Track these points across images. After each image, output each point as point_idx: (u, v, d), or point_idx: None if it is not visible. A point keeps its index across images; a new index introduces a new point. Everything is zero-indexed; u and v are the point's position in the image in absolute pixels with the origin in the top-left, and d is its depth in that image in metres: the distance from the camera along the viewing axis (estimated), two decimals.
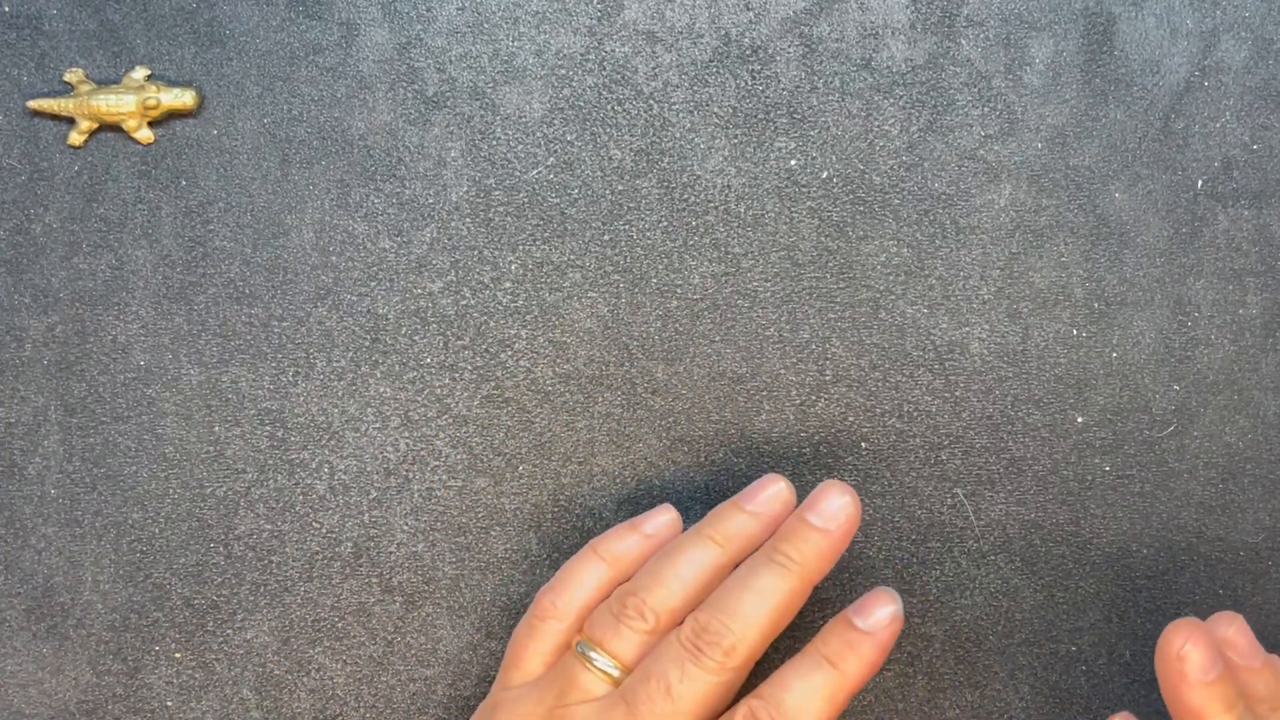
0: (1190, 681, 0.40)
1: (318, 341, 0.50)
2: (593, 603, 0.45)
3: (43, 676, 0.50)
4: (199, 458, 0.50)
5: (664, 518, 0.46)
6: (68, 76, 0.50)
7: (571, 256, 0.50)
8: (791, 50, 0.50)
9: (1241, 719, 0.40)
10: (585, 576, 0.46)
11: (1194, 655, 0.40)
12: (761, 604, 0.42)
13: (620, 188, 0.50)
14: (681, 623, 0.43)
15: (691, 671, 0.42)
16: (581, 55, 0.50)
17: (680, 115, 0.50)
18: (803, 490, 0.50)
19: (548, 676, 0.44)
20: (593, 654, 0.43)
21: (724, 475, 0.50)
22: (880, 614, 0.42)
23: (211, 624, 0.50)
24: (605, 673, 0.43)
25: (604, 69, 0.50)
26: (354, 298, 0.50)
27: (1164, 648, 0.41)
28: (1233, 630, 0.42)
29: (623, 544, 0.46)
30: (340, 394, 0.50)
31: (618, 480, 0.50)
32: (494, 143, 0.50)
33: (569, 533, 0.50)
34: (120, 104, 0.49)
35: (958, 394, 0.50)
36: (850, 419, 0.50)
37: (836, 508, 0.43)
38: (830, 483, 0.43)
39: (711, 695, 0.42)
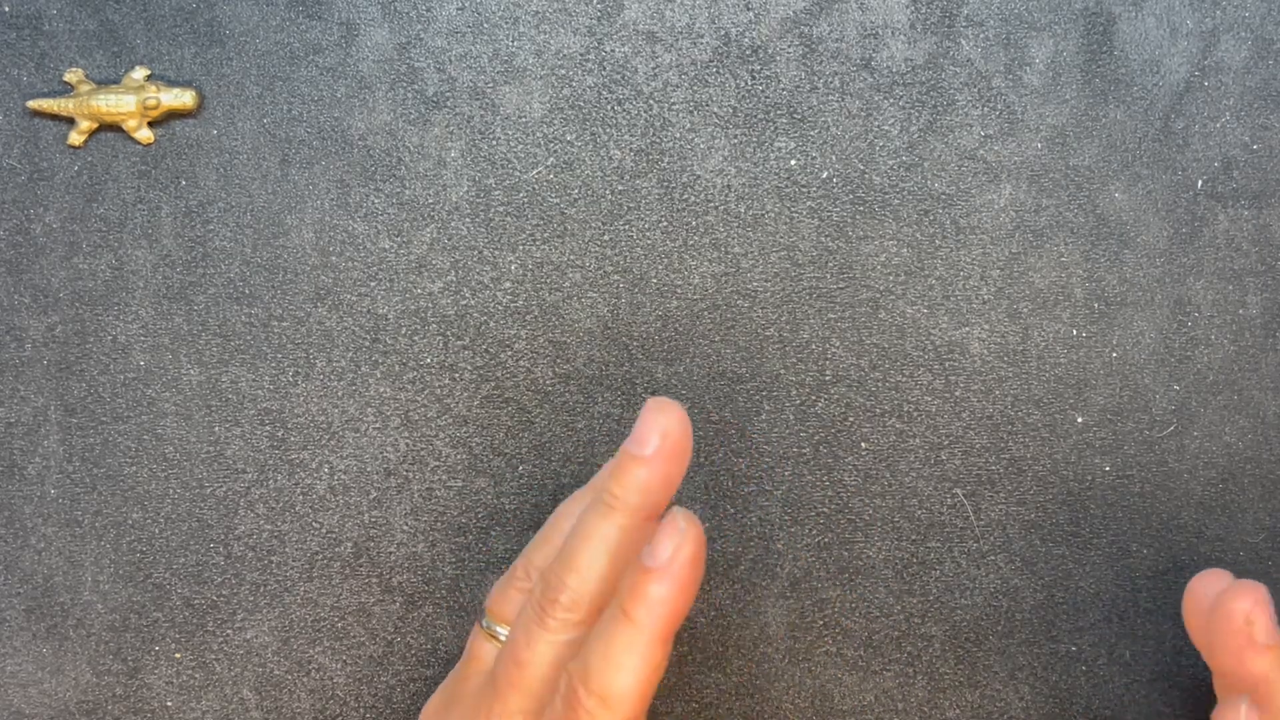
0: (1259, 647, 0.39)
1: (318, 341, 0.50)
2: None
3: (43, 676, 0.50)
4: (199, 458, 0.50)
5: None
6: (68, 76, 0.50)
7: (571, 256, 0.50)
8: (791, 50, 0.50)
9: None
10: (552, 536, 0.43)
11: (1261, 620, 0.39)
12: (596, 550, 0.39)
13: (620, 188, 0.50)
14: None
15: (536, 634, 0.40)
16: (581, 55, 0.50)
17: (680, 115, 0.50)
18: (799, 495, 0.50)
19: (465, 654, 0.44)
20: (490, 623, 0.43)
21: (724, 475, 0.50)
22: (665, 544, 0.38)
23: (211, 624, 0.50)
24: (500, 640, 0.42)
25: (604, 69, 0.50)
26: (354, 298, 0.50)
27: (1228, 612, 0.39)
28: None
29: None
30: (340, 394, 0.50)
31: None
32: (494, 143, 0.50)
33: None
34: (120, 104, 0.49)
35: (958, 394, 0.50)
36: (850, 419, 0.50)
37: (652, 430, 0.39)
38: (650, 403, 0.39)
39: (562, 654, 0.40)
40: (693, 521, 0.38)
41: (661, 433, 0.38)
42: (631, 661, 0.38)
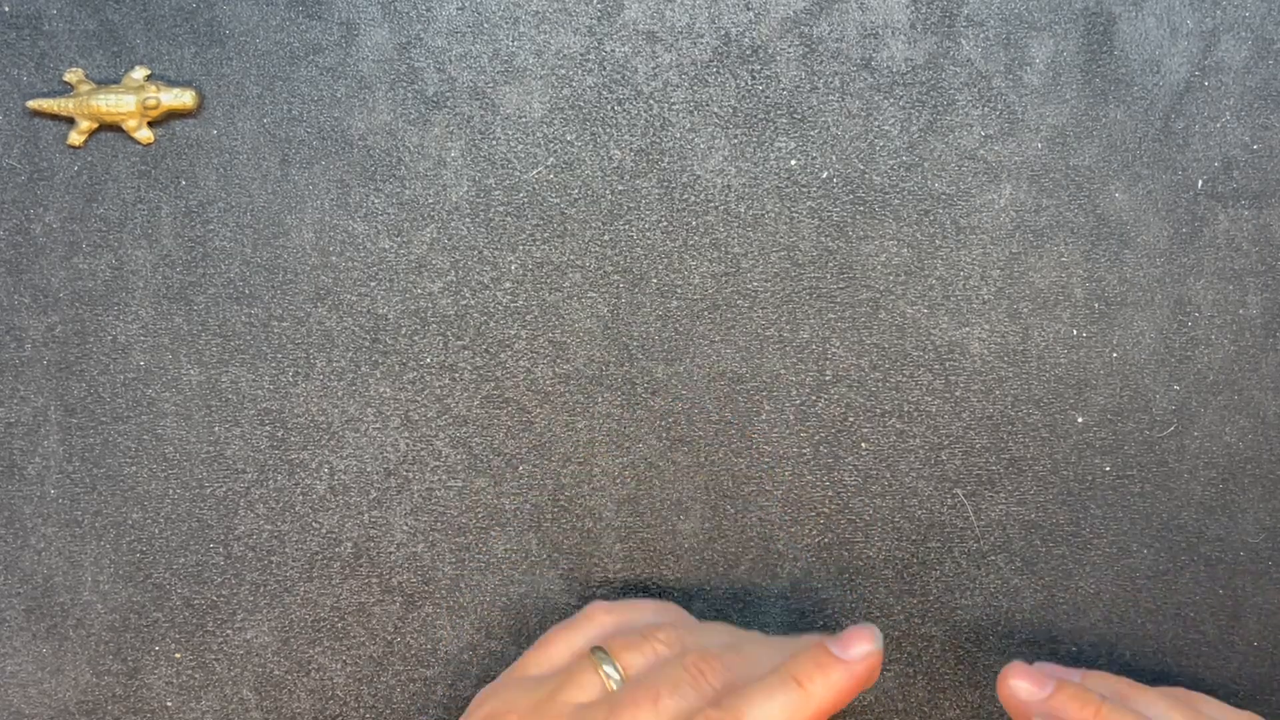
0: (1033, 703, 0.43)
1: (318, 341, 0.50)
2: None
3: (43, 676, 0.50)
4: (199, 458, 0.50)
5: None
6: (68, 76, 0.50)
7: (571, 256, 0.50)
8: (791, 50, 0.50)
9: (1103, 708, 0.43)
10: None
11: (1019, 685, 0.44)
12: (768, 696, 0.41)
13: (620, 188, 0.50)
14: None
15: (686, 690, 0.41)
16: (581, 55, 0.50)
17: (680, 115, 0.50)
18: (799, 494, 0.50)
19: (557, 672, 0.44)
20: (605, 661, 0.43)
21: (724, 475, 0.50)
22: (859, 648, 0.41)
23: (211, 624, 0.50)
24: (609, 680, 0.43)
25: (604, 69, 0.50)
26: (354, 298, 0.50)
27: (1002, 697, 0.44)
28: (1037, 666, 0.46)
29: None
30: (340, 394, 0.50)
31: (618, 480, 0.50)
32: (494, 143, 0.50)
33: (569, 533, 0.50)
34: (120, 104, 0.49)
35: (958, 394, 0.50)
36: (850, 419, 0.50)
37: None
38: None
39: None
40: (879, 638, 0.42)
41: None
42: (783, 717, 0.40)
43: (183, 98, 0.50)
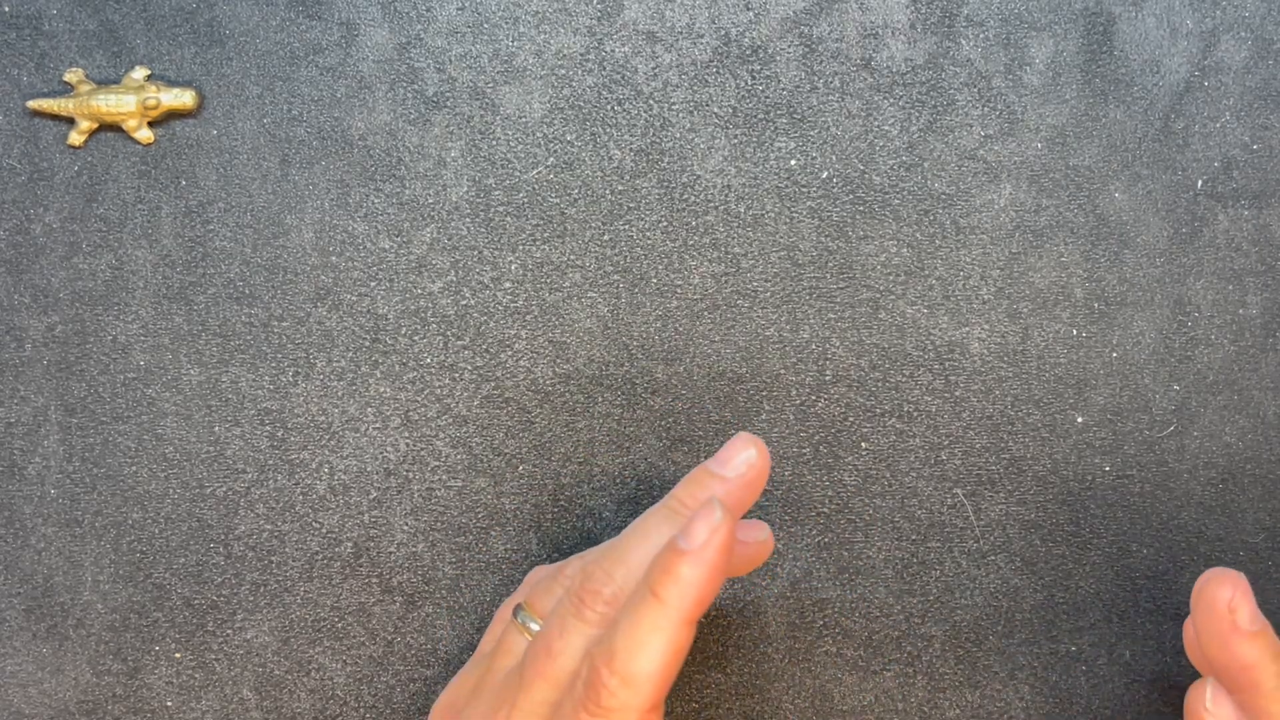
0: (1244, 633, 0.39)
1: (318, 341, 0.50)
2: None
3: (43, 676, 0.50)
4: (199, 458, 0.50)
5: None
6: (68, 76, 0.50)
7: (571, 256, 0.50)
8: (791, 50, 0.50)
9: None
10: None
11: (1244, 608, 0.40)
12: (649, 550, 0.40)
13: (620, 188, 0.50)
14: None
15: (570, 625, 0.39)
16: (581, 55, 0.50)
17: (680, 115, 0.50)
18: (800, 495, 0.50)
19: (496, 643, 0.44)
20: (526, 618, 0.42)
21: None
22: (700, 529, 0.38)
23: (211, 624, 0.50)
24: (529, 633, 0.42)
25: (604, 69, 0.50)
26: (354, 298, 0.50)
27: (1210, 600, 0.40)
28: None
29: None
30: (340, 394, 0.50)
31: (618, 480, 0.50)
32: (494, 143, 0.50)
33: (569, 533, 0.50)
34: (120, 104, 0.49)
35: (958, 394, 0.50)
36: (850, 419, 0.50)
37: (740, 459, 0.40)
38: (740, 435, 0.41)
39: None
40: (728, 512, 0.38)
41: (746, 460, 0.40)
42: (656, 641, 0.37)
43: (183, 98, 0.50)
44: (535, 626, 0.42)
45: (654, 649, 0.37)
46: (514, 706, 0.40)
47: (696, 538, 0.38)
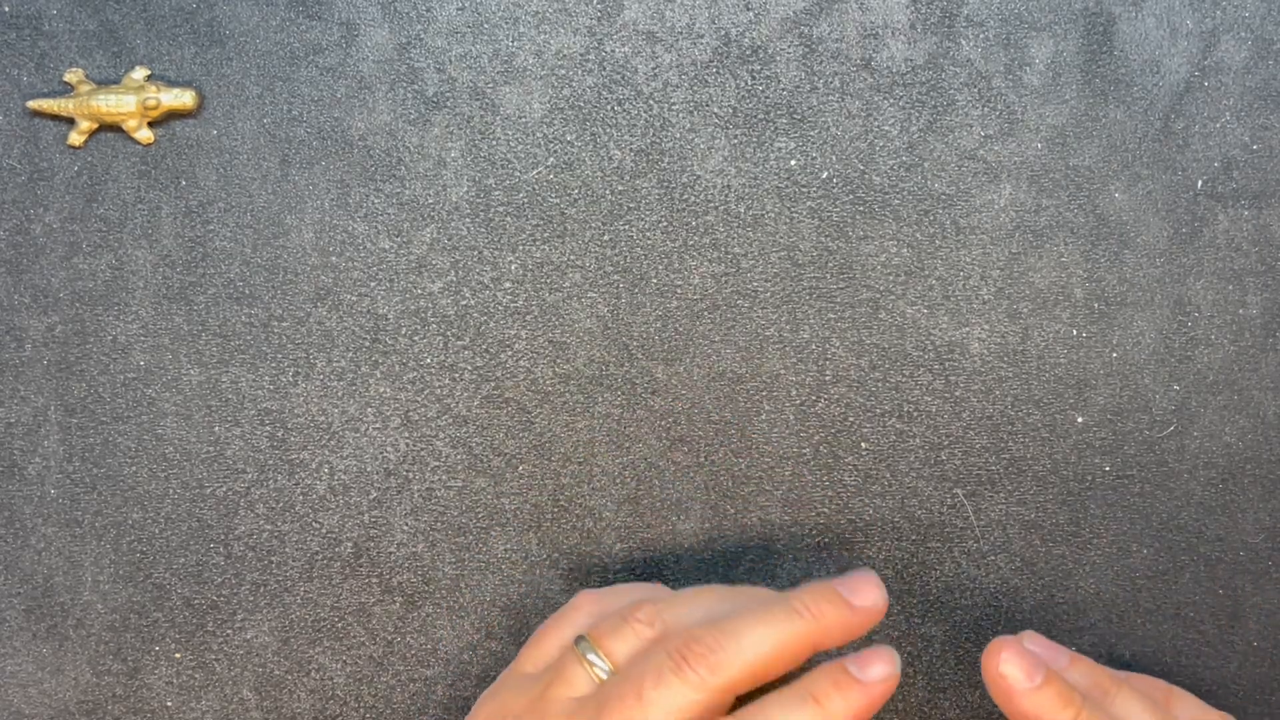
0: (1020, 691, 0.42)
1: (318, 341, 0.50)
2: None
3: (43, 676, 0.50)
4: (199, 458, 0.50)
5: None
6: (68, 76, 0.50)
7: (571, 256, 0.50)
8: (791, 50, 0.50)
9: (1082, 711, 0.42)
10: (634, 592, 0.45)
11: (1011, 668, 0.42)
12: (764, 635, 0.41)
13: (620, 188, 0.50)
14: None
15: (669, 680, 0.40)
16: (581, 55, 0.50)
17: (680, 115, 0.50)
18: (802, 492, 0.50)
19: (549, 667, 0.43)
20: (589, 651, 0.42)
21: (724, 475, 0.50)
22: (877, 669, 0.41)
23: (211, 624, 0.50)
24: (596, 670, 0.42)
25: (604, 69, 0.50)
26: (354, 298, 0.50)
27: (986, 670, 0.43)
28: (1029, 643, 0.45)
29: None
30: (340, 394, 0.50)
31: (618, 480, 0.50)
32: (494, 143, 0.50)
33: (569, 533, 0.50)
34: (120, 104, 0.49)
35: (958, 394, 0.50)
36: (850, 419, 0.50)
37: (867, 595, 0.42)
38: (869, 575, 0.43)
39: (685, 711, 0.40)
40: (897, 660, 0.41)
41: (874, 598, 0.42)
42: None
43: (183, 98, 0.50)
44: (600, 663, 0.42)
45: None
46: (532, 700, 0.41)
47: (873, 673, 0.41)
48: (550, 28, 0.50)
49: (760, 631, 0.41)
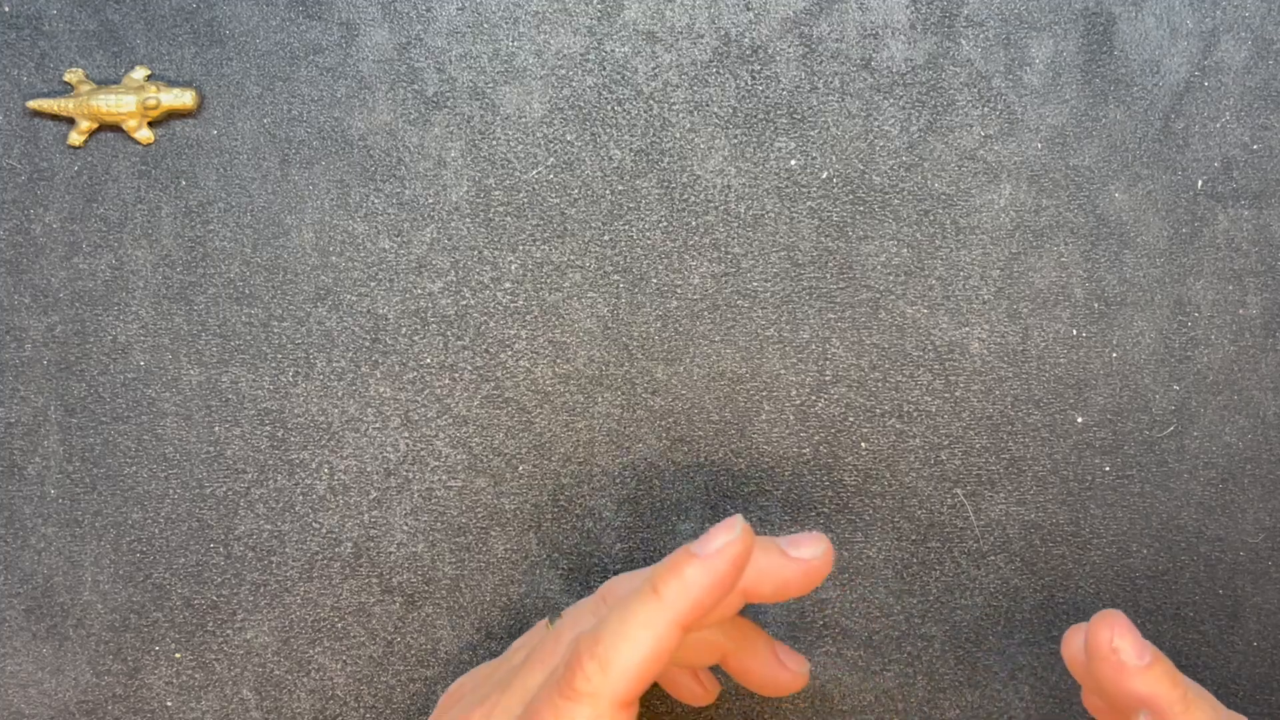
0: (1131, 669, 0.40)
1: (318, 341, 0.50)
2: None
3: (43, 676, 0.50)
4: (199, 458, 0.50)
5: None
6: (68, 76, 0.50)
7: (571, 256, 0.50)
8: (791, 50, 0.50)
9: (1189, 692, 0.40)
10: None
11: (1125, 645, 0.40)
12: (629, 600, 0.38)
13: (620, 188, 0.50)
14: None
15: (586, 620, 0.40)
16: (581, 55, 0.50)
17: (680, 115, 0.50)
18: (802, 491, 0.50)
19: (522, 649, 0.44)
20: (554, 621, 0.43)
21: (724, 475, 0.50)
22: (715, 540, 0.38)
23: (211, 624, 0.50)
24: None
25: (604, 69, 0.50)
26: (354, 298, 0.50)
27: (1094, 648, 0.40)
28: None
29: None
30: (340, 394, 0.50)
31: (618, 480, 0.50)
32: (494, 143, 0.50)
33: (569, 533, 0.50)
34: (120, 104, 0.49)
35: (958, 394, 0.50)
36: (850, 419, 0.50)
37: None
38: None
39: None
40: (744, 530, 0.38)
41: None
42: (644, 636, 0.37)
43: (183, 98, 0.50)
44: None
45: (639, 641, 0.37)
46: (506, 688, 0.41)
47: (711, 545, 0.38)
48: (550, 28, 0.50)
49: (624, 614, 0.38)
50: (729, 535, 0.38)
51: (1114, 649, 0.40)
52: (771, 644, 0.45)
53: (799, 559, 0.41)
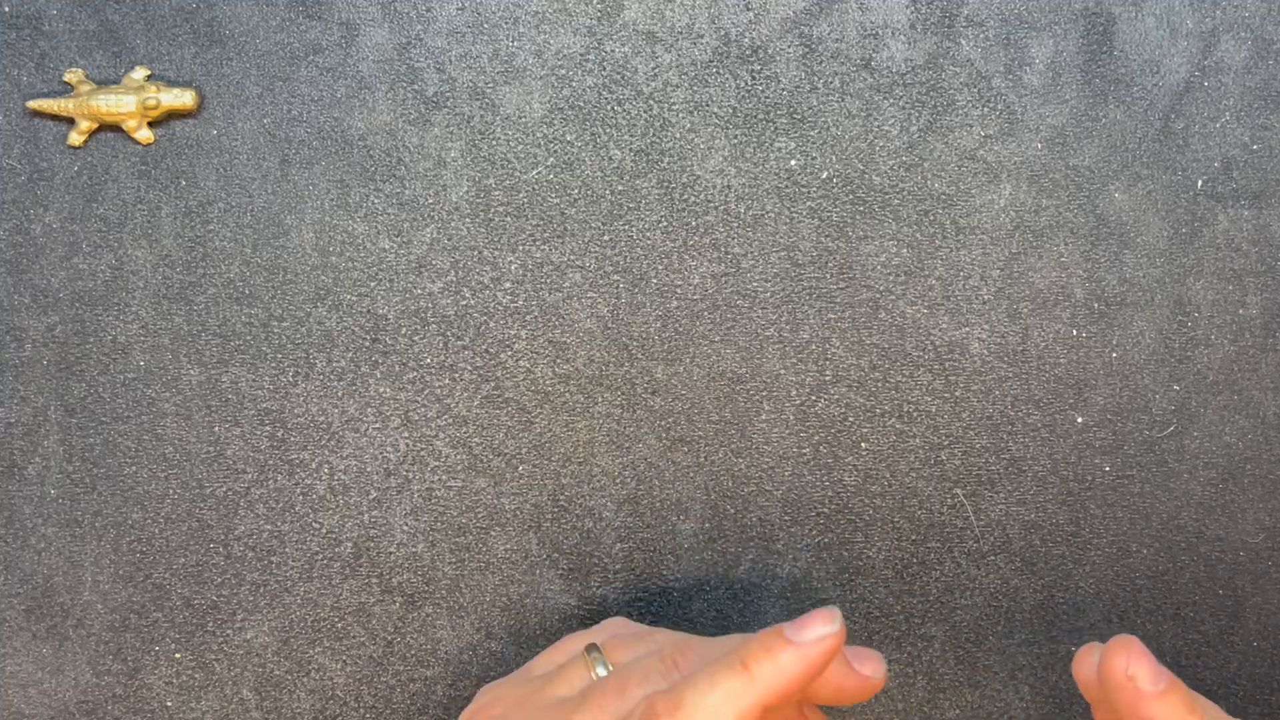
0: (1148, 696, 0.40)
1: (318, 341, 0.50)
2: None
3: (43, 676, 0.50)
4: (199, 458, 0.50)
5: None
6: (68, 76, 0.50)
7: (571, 256, 0.50)
8: (791, 50, 0.50)
9: (1205, 717, 0.40)
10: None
11: (1141, 671, 0.40)
12: (715, 671, 0.39)
13: (620, 188, 0.50)
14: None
15: (654, 680, 0.40)
16: (581, 55, 0.50)
17: (680, 115, 0.50)
18: (804, 491, 0.50)
19: (554, 669, 0.44)
20: (596, 659, 0.43)
21: (724, 475, 0.50)
22: (813, 631, 0.39)
23: (211, 624, 0.50)
24: (595, 674, 0.42)
25: (604, 69, 0.50)
26: (354, 298, 0.50)
27: (1108, 674, 0.40)
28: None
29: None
30: (340, 394, 0.50)
31: (618, 480, 0.50)
32: (494, 143, 0.50)
33: (569, 533, 0.50)
34: (120, 104, 0.49)
35: (958, 394, 0.50)
36: (850, 419, 0.50)
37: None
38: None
39: None
40: (839, 620, 0.39)
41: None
42: (728, 711, 0.38)
43: (183, 98, 0.50)
44: (601, 670, 0.42)
45: (722, 711, 0.38)
46: (540, 708, 0.41)
47: (807, 633, 0.39)
48: (550, 28, 0.50)
49: (709, 685, 0.39)
50: (828, 628, 0.39)
51: (1130, 676, 0.40)
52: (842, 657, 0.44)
53: (861, 675, 0.42)
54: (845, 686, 0.42)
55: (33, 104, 0.50)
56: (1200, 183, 0.50)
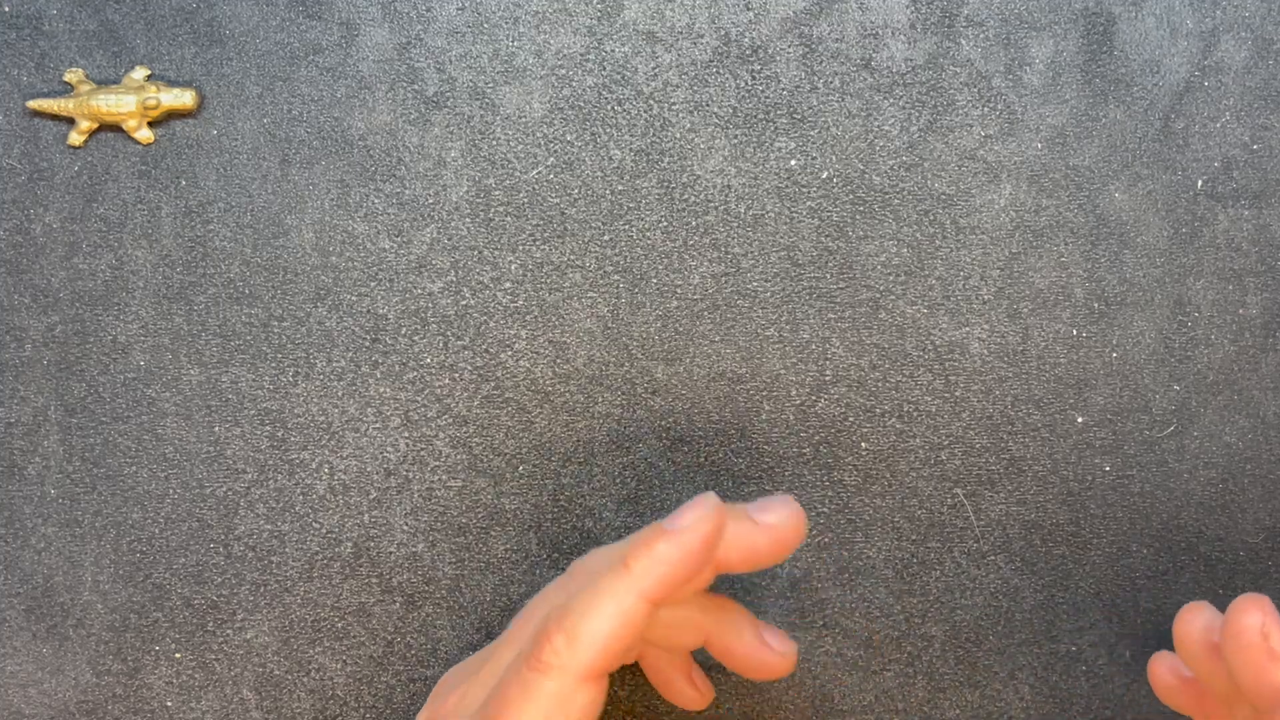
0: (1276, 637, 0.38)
1: (318, 341, 0.50)
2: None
3: (43, 676, 0.50)
4: (199, 458, 0.50)
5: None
6: (68, 76, 0.50)
7: (571, 256, 0.50)
8: (791, 50, 0.50)
9: None
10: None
11: (1277, 632, 0.38)
12: (605, 613, 0.38)
13: (620, 188, 0.50)
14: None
15: (535, 681, 0.39)
16: (581, 55, 0.50)
17: (680, 115, 0.50)
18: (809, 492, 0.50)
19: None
20: None
21: (724, 475, 0.50)
22: (687, 517, 0.38)
23: (211, 624, 0.50)
24: None
25: (604, 69, 0.50)
26: (354, 298, 0.50)
27: (1239, 630, 0.38)
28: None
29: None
30: (340, 394, 0.50)
31: (618, 480, 0.50)
32: (494, 143, 0.50)
33: (569, 533, 0.50)
34: (120, 104, 0.49)
35: (958, 394, 0.50)
36: (850, 419, 0.50)
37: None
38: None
39: (563, 699, 0.38)
40: (714, 503, 0.38)
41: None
42: (611, 609, 0.38)
43: (183, 98, 0.50)
44: None
45: (607, 614, 0.37)
46: (482, 666, 0.41)
47: (682, 520, 0.38)
48: (550, 28, 0.50)
49: (593, 589, 0.38)
50: (701, 511, 0.38)
51: (1264, 634, 0.38)
52: (755, 624, 0.44)
53: (767, 526, 0.40)
54: (754, 545, 0.40)
55: (33, 104, 0.50)
56: (1200, 183, 0.50)
